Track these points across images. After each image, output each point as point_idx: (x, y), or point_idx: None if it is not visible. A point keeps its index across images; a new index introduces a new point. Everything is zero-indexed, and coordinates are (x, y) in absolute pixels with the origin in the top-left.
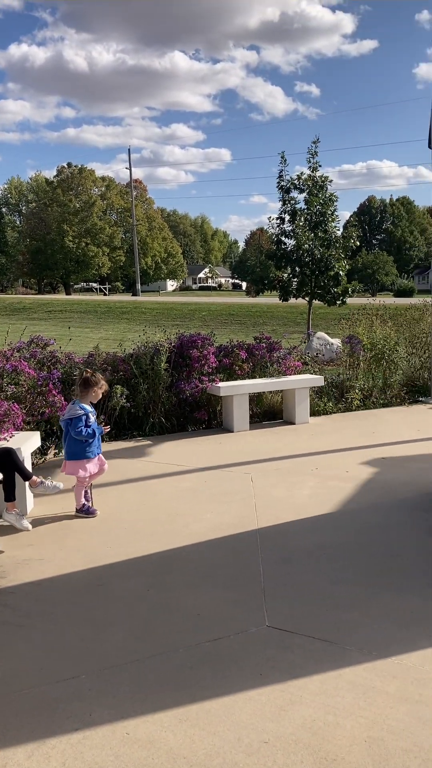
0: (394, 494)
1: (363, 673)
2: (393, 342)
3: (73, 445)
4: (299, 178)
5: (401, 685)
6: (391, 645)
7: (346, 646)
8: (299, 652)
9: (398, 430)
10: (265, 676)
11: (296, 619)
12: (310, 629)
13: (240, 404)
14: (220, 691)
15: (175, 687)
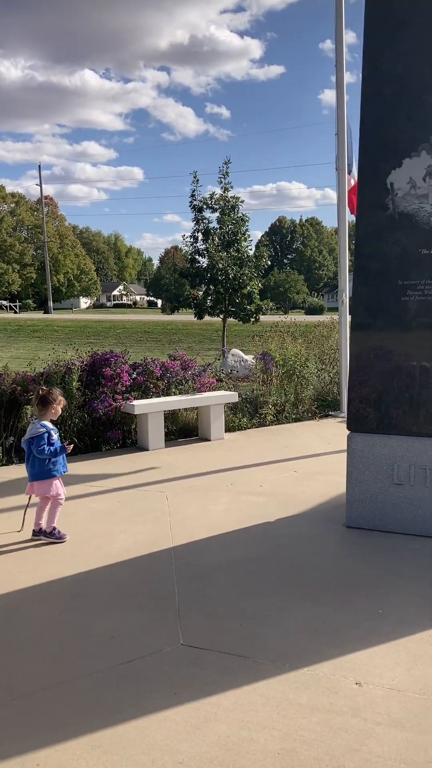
0: (307, 506)
1: (276, 686)
2: (304, 358)
3: (39, 465)
4: (212, 198)
5: (313, 695)
6: (304, 656)
7: (259, 659)
8: (214, 668)
9: (310, 444)
10: (180, 695)
11: (211, 636)
12: (225, 645)
13: (155, 422)
14: (134, 714)
15: (88, 713)
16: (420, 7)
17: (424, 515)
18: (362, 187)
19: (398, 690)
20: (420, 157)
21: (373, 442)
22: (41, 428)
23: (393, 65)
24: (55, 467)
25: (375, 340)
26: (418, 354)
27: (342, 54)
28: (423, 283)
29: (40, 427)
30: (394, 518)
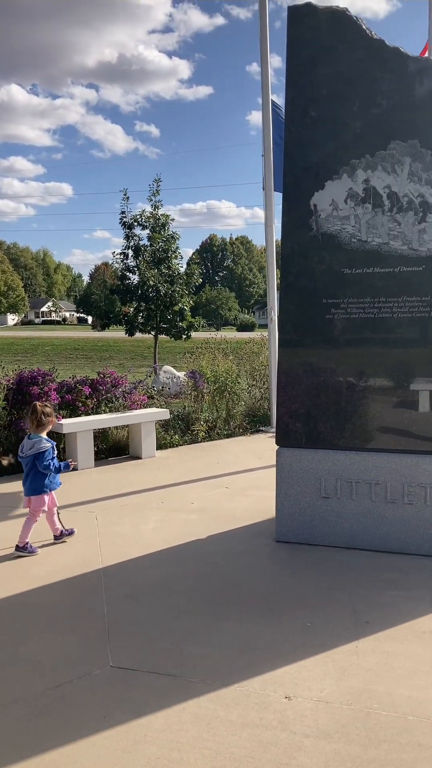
0: (238, 522)
1: (207, 704)
2: (235, 375)
3: (39, 479)
4: (142, 216)
5: (243, 711)
6: (234, 672)
7: (190, 678)
8: (144, 689)
9: (241, 459)
10: (110, 718)
11: (141, 656)
12: (155, 665)
13: (84, 441)
14: (62, 741)
15: (15, 742)
16: (341, 34)
17: (351, 528)
18: (287, 207)
19: (326, 702)
20: (342, 180)
21: (301, 457)
22: (46, 443)
23: (316, 89)
24: (53, 482)
25: (302, 357)
26: (343, 370)
27: (268, 77)
28: (346, 301)
29: (45, 442)
30: (322, 531)
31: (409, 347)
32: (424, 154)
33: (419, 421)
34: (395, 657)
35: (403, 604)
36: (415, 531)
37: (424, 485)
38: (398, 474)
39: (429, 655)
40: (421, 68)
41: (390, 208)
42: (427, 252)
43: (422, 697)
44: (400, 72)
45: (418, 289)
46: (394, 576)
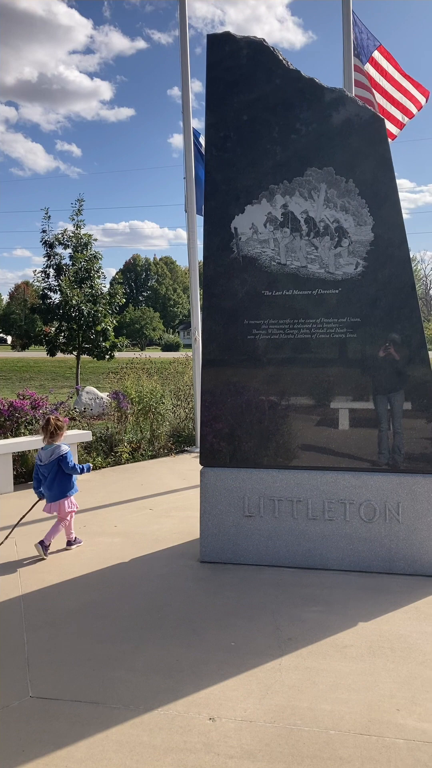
0: (161, 544)
1: (130, 730)
2: (160, 395)
3: (66, 483)
4: (64, 235)
5: (167, 735)
6: (158, 696)
7: (113, 704)
8: (65, 719)
9: (166, 480)
10: (29, 751)
11: (62, 685)
12: (77, 693)
13: (2, 465)
14: None
15: None
16: (260, 62)
17: (274, 546)
18: (208, 230)
19: (250, 721)
20: (261, 204)
21: (225, 476)
22: (65, 447)
23: (236, 115)
24: (74, 485)
25: (226, 377)
26: (266, 389)
27: (189, 101)
28: (267, 322)
29: (65, 446)
30: (246, 550)
31: (328, 367)
32: (339, 180)
33: (338, 438)
34: (317, 672)
35: (325, 619)
36: (336, 547)
37: (344, 501)
38: (319, 491)
39: (350, 669)
40: (336, 98)
41: (307, 232)
42: (343, 275)
43: (344, 711)
44: (317, 101)
45: (335, 310)
46: (316, 592)
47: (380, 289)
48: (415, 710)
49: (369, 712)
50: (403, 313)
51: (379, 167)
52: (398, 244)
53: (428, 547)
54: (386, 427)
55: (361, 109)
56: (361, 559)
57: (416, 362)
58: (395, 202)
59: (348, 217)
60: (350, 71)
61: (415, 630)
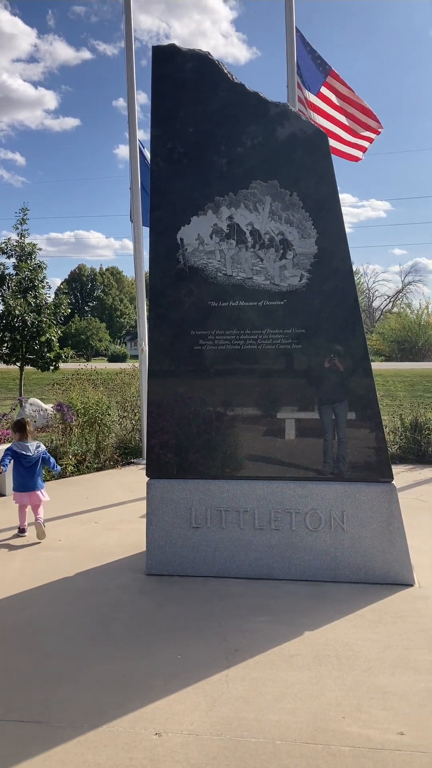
0: (107, 558)
1: (74, 749)
2: (105, 406)
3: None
4: (7, 244)
5: (112, 752)
6: (103, 713)
7: (57, 723)
8: (7, 740)
9: (112, 493)
10: None
11: (4, 705)
12: (20, 713)
13: None
14: None
15: None
16: (206, 75)
17: (221, 557)
18: (154, 241)
19: (196, 735)
20: (207, 216)
21: (172, 488)
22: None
23: (182, 127)
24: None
25: (172, 387)
26: (213, 400)
27: (134, 112)
28: (214, 333)
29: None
30: (193, 562)
31: (273, 378)
32: (283, 194)
33: (284, 448)
34: (264, 682)
35: (271, 629)
36: (282, 556)
37: (290, 511)
38: (265, 501)
39: (296, 678)
40: (281, 113)
41: (253, 244)
42: (288, 287)
43: (290, 720)
44: (262, 115)
45: (280, 322)
46: (263, 602)
47: (324, 301)
48: (360, 717)
49: (315, 721)
50: (346, 324)
51: (322, 181)
52: (341, 257)
53: (372, 554)
54: (331, 437)
55: (305, 124)
56: (307, 568)
57: (359, 373)
58: (338, 215)
59: (292, 230)
60: (294, 87)
61: (360, 637)
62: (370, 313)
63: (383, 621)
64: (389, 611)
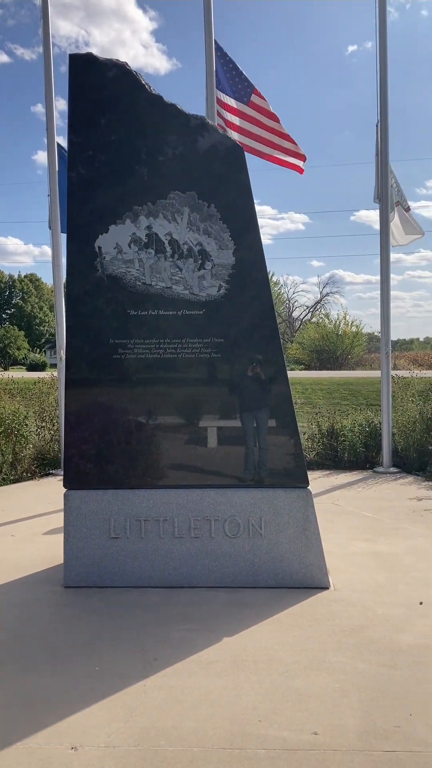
0: (24, 571)
1: None
2: (23, 416)
3: None
4: None
5: None
6: (17, 729)
7: None
8: None
9: (29, 505)
10: None
11: None
12: None
13: None
14: None
15: None
16: (125, 83)
17: (140, 567)
18: (72, 248)
19: (114, 747)
20: (125, 224)
21: (90, 498)
22: None
23: (101, 135)
24: None
25: (91, 396)
26: (133, 409)
27: (53, 118)
28: (133, 342)
29: None
30: (112, 573)
31: (194, 386)
32: (201, 205)
33: (205, 456)
34: (182, 690)
35: (191, 637)
36: (202, 564)
37: (209, 518)
38: (185, 509)
39: (215, 685)
40: (199, 125)
41: (171, 254)
42: (206, 297)
43: (208, 727)
44: (181, 127)
45: (200, 331)
46: (183, 610)
47: (242, 311)
48: (276, 720)
49: (232, 726)
50: (264, 334)
51: (239, 194)
52: (258, 268)
53: (289, 559)
54: (252, 444)
55: (223, 137)
56: (226, 574)
57: (277, 381)
58: (255, 227)
59: (210, 241)
60: (213, 100)
61: (277, 641)
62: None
63: (299, 624)
64: (305, 615)
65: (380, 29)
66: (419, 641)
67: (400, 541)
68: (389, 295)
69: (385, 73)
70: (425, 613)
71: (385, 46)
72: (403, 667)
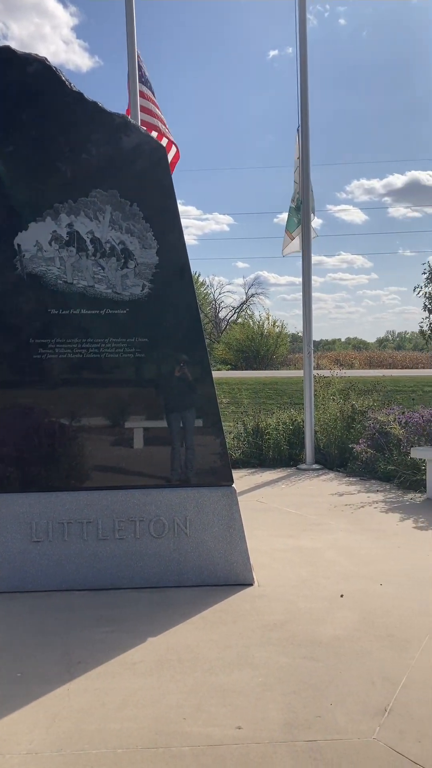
0: None
1: None
2: None
3: None
4: None
5: None
6: None
7: None
8: None
9: None
10: None
11: None
12: None
13: None
14: None
15: None
16: (45, 79)
17: (63, 570)
18: None
19: (36, 753)
20: (46, 222)
21: (11, 502)
22: None
23: (22, 130)
24: None
25: (12, 398)
26: (55, 410)
27: None
28: (55, 341)
29: None
30: (34, 577)
31: (117, 387)
32: (123, 204)
33: (129, 457)
34: (106, 693)
35: (115, 638)
36: (127, 565)
37: (134, 519)
38: (110, 511)
39: (139, 685)
40: (122, 124)
41: (94, 252)
42: (130, 296)
43: (132, 727)
44: (103, 125)
45: (123, 331)
46: (107, 612)
47: (166, 311)
48: (201, 717)
49: (157, 725)
50: (188, 334)
51: (161, 194)
52: (182, 267)
53: (214, 557)
54: (178, 444)
55: (145, 136)
56: (151, 575)
57: (202, 382)
58: (178, 227)
59: (133, 240)
60: (136, 98)
61: (201, 639)
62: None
63: (224, 621)
64: (230, 611)
65: (300, 35)
66: (339, 633)
67: (322, 536)
68: (311, 297)
69: (305, 78)
70: (345, 605)
71: (306, 52)
72: (323, 659)
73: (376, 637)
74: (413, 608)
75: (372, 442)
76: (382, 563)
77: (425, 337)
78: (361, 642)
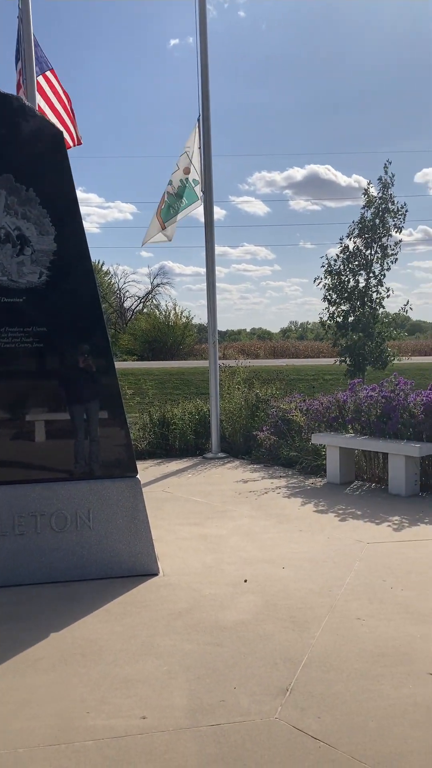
0: None
1: None
2: None
3: None
4: None
5: None
6: None
7: None
8: None
9: None
10: None
11: None
12: None
13: None
14: None
15: None
16: None
17: None
18: None
19: None
20: None
21: None
22: None
23: None
24: None
25: None
26: None
27: None
28: None
29: None
30: None
31: (16, 379)
32: (19, 189)
33: (29, 451)
34: (7, 692)
35: (17, 635)
36: (28, 561)
37: (35, 514)
38: (9, 506)
39: (42, 682)
40: (19, 107)
41: None
42: (26, 284)
43: (34, 725)
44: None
45: (20, 319)
46: (8, 609)
47: (65, 299)
48: (104, 709)
49: (60, 721)
50: (89, 323)
51: (59, 179)
52: (81, 254)
53: (118, 549)
54: (82, 437)
55: (43, 120)
56: (54, 569)
57: (104, 372)
58: (77, 213)
59: (30, 226)
60: (33, 81)
61: (105, 631)
62: (122, 314)
63: (129, 612)
64: (135, 602)
65: (200, 26)
66: (242, 617)
67: (226, 523)
68: (215, 287)
69: (206, 69)
70: (249, 589)
71: (206, 42)
72: (227, 644)
73: (279, 619)
74: (313, 590)
75: (275, 429)
76: (284, 547)
77: (325, 327)
78: (264, 625)
